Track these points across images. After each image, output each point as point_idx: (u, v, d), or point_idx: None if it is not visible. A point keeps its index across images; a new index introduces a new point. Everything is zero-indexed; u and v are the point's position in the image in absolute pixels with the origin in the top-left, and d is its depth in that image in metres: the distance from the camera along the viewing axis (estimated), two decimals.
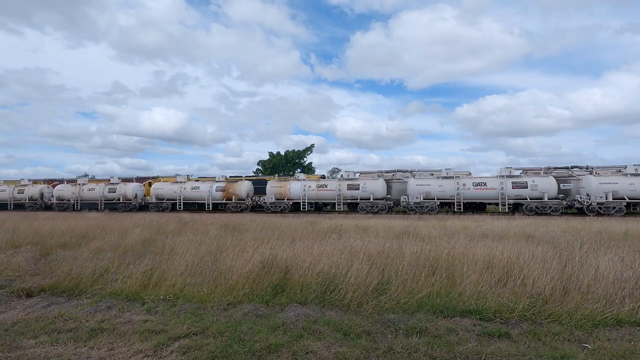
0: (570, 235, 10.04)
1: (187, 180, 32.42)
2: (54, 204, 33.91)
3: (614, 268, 5.50)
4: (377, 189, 27.31)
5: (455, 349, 3.67)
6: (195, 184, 31.64)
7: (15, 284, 6.29)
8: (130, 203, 32.14)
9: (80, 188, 33.68)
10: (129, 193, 32.40)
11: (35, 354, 3.68)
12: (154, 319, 4.64)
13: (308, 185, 28.82)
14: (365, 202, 27.26)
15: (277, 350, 3.69)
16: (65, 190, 34.30)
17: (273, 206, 28.94)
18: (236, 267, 6.09)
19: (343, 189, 27.96)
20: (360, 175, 29.29)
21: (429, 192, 26.05)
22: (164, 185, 32.46)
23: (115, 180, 34.15)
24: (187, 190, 31.15)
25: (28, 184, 36.64)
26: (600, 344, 3.80)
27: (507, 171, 25.68)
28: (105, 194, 32.86)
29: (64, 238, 10.59)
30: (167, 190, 31.72)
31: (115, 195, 32.54)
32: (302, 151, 55.76)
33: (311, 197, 28.62)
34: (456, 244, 7.73)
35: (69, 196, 33.82)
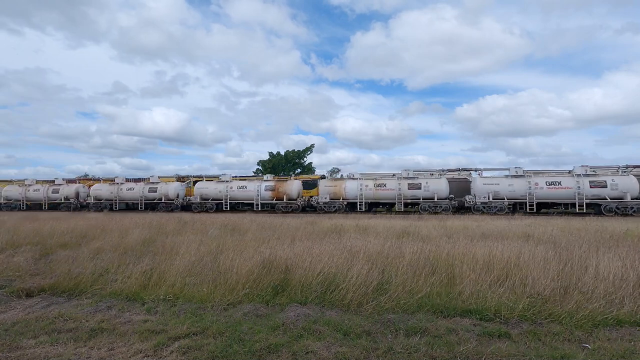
0: (570, 235, 10.04)
1: (233, 179, 31.27)
2: (91, 204, 32.77)
3: (614, 268, 5.50)
4: (440, 188, 26.04)
5: (455, 349, 3.67)
6: (242, 183, 30.49)
7: (15, 284, 6.28)
8: (172, 203, 30.88)
9: (118, 187, 32.40)
10: (171, 193, 31.17)
11: (35, 354, 3.68)
12: (154, 319, 4.64)
13: (365, 184, 27.42)
14: (428, 202, 26.03)
15: (277, 350, 3.69)
16: (102, 189, 33.11)
17: (326, 206, 27.69)
18: (236, 267, 6.09)
19: (403, 188, 26.58)
20: (420, 173, 28.03)
21: (498, 191, 24.81)
22: (208, 184, 31.14)
23: (155, 179, 32.79)
24: (234, 189, 29.88)
25: (62, 183, 35.54)
26: (600, 344, 3.80)
27: (583, 169, 24.34)
28: (146, 193, 31.58)
29: (64, 238, 10.59)
30: (212, 190, 30.40)
31: (156, 195, 31.33)
32: (302, 151, 55.77)
33: (368, 196, 27.35)
34: (456, 244, 7.74)
35: (106, 196, 32.64)
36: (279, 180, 30.29)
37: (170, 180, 33.83)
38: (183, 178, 35.19)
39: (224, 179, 31.04)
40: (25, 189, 34.93)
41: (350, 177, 28.84)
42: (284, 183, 29.47)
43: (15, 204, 34.90)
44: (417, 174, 27.89)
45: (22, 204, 34.61)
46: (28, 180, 36.27)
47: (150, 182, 32.56)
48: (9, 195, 35.37)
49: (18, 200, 34.91)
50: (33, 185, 35.63)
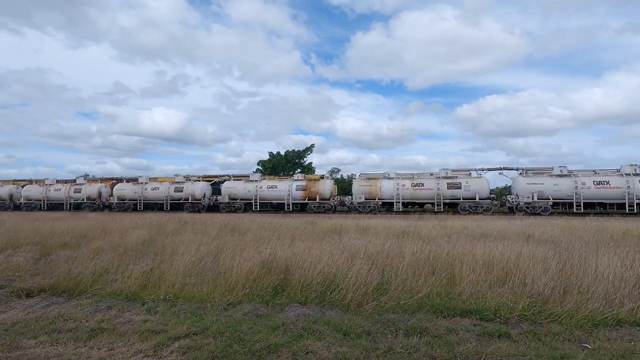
0: (570, 235, 10.04)
1: (262, 179, 30.53)
2: (114, 204, 32.16)
3: (614, 268, 5.50)
4: (481, 187, 25.25)
5: (455, 349, 3.67)
6: (272, 183, 29.67)
7: (15, 284, 6.28)
8: (199, 203, 30.22)
9: (142, 187, 31.70)
10: (197, 192, 30.47)
11: (35, 354, 3.68)
12: (154, 319, 4.64)
13: (402, 183, 26.68)
14: (468, 202, 25.26)
15: (277, 350, 3.69)
16: (126, 189, 32.42)
17: (361, 206, 26.88)
18: (236, 267, 6.09)
19: (442, 187, 25.76)
20: (459, 172, 27.16)
21: (542, 191, 24.05)
22: (236, 184, 30.35)
23: (181, 179, 32.07)
24: (264, 189, 29.14)
25: (84, 182, 34.93)
26: (600, 344, 3.80)
27: (632, 169, 23.62)
28: (171, 193, 30.98)
29: (64, 238, 10.58)
30: (241, 190, 29.70)
31: (182, 195, 30.69)
32: (302, 151, 55.72)
33: (405, 196, 26.59)
34: (456, 244, 7.74)
35: (130, 196, 31.99)
36: (310, 179, 29.46)
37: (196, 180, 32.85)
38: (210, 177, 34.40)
39: (253, 178, 30.26)
40: (46, 188, 34.23)
41: (385, 177, 27.93)
42: (316, 182, 28.71)
43: (35, 203, 34.19)
44: (456, 173, 27.05)
45: (43, 204, 33.86)
46: (48, 180, 35.55)
47: (176, 181, 31.84)
48: (29, 195, 34.64)
49: (39, 200, 34.18)
50: (54, 184, 34.90)
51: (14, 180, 39.39)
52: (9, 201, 35.32)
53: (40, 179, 36.96)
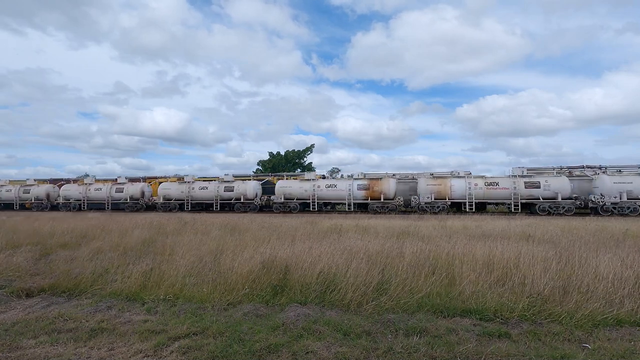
0: (570, 235, 10.04)
1: (319, 178, 29.24)
2: (158, 204, 30.94)
3: (614, 268, 5.50)
4: (563, 187, 23.89)
5: (455, 349, 3.67)
6: (331, 182, 28.38)
7: (15, 284, 6.28)
8: (251, 203, 28.97)
9: (189, 186, 30.45)
10: (249, 192, 29.17)
11: (35, 354, 3.68)
12: (154, 319, 4.64)
13: (474, 182, 25.39)
14: (548, 202, 24.03)
15: (277, 350, 3.69)
16: (171, 188, 31.21)
17: (429, 206, 25.58)
18: (236, 267, 6.09)
19: (520, 187, 24.47)
20: (537, 171, 25.89)
21: (631, 190, 22.86)
22: (292, 183, 29.06)
23: (230, 178, 30.78)
24: (322, 189, 27.91)
25: (125, 181, 33.64)
26: (600, 344, 3.80)
27: None
28: (221, 192, 29.72)
29: (64, 238, 10.59)
30: (297, 189, 28.38)
31: (233, 194, 29.47)
32: (302, 151, 55.76)
33: (478, 196, 25.23)
34: (456, 244, 7.73)
35: (176, 195, 30.78)
36: (372, 178, 27.92)
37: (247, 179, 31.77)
38: (261, 177, 33.30)
39: (309, 177, 29.04)
40: (86, 188, 33.31)
41: (454, 175, 26.64)
42: (379, 181, 27.33)
43: (74, 204, 33.21)
44: (533, 172, 25.82)
45: (83, 203, 32.94)
46: (88, 179, 34.73)
47: (225, 180, 30.61)
48: (68, 194, 33.67)
49: (78, 200, 33.21)
50: (94, 184, 33.92)
51: (50, 179, 38.61)
52: (46, 201, 34.29)
53: (79, 178, 36.53)
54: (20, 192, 34.94)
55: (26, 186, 35.50)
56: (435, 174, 27.44)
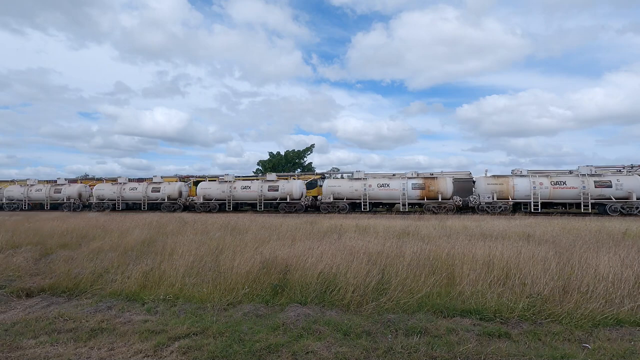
0: (570, 235, 10.04)
1: (369, 177, 27.62)
2: (198, 205, 29.69)
3: (614, 268, 5.50)
4: (636, 186, 22.68)
5: (455, 349, 3.67)
6: (383, 181, 26.86)
7: (15, 284, 6.29)
8: (297, 203, 27.83)
9: (231, 186, 29.20)
10: (295, 192, 28.02)
11: (35, 354, 3.68)
12: (154, 319, 4.64)
13: (539, 182, 23.99)
14: (620, 202, 22.87)
15: (277, 350, 3.69)
16: (212, 188, 29.82)
17: (489, 207, 24.41)
18: (236, 267, 6.09)
19: (589, 186, 23.07)
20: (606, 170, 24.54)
21: None
22: (341, 182, 27.70)
23: (273, 177, 29.53)
24: (373, 188, 26.54)
25: (161, 181, 32.24)
26: (600, 344, 3.80)
27: None
28: (265, 192, 28.54)
29: (64, 238, 10.59)
30: (346, 189, 27.04)
31: (278, 194, 28.27)
32: (302, 151, 55.72)
33: (544, 196, 23.85)
34: (456, 244, 7.74)
35: (217, 195, 29.44)
36: (427, 177, 26.79)
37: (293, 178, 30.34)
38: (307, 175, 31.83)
39: (358, 176, 27.58)
40: (120, 187, 32.16)
41: (517, 174, 25.29)
42: (435, 180, 26.18)
43: (108, 203, 32.17)
44: (602, 171, 24.52)
45: (118, 203, 31.82)
46: (121, 179, 33.34)
47: (269, 179, 29.37)
48: (102, 194, 32.60)
49: (112, 200, 32.07)
50: (128, 183, 32.76)
51: (81, 178, 37.87)
52: (78, 201, 33.21)
53: (113, 178, 34.91)
54: (51, 191, 33.72)
55: (57, 185, 34.28)
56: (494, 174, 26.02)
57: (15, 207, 34.41)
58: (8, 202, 34.74)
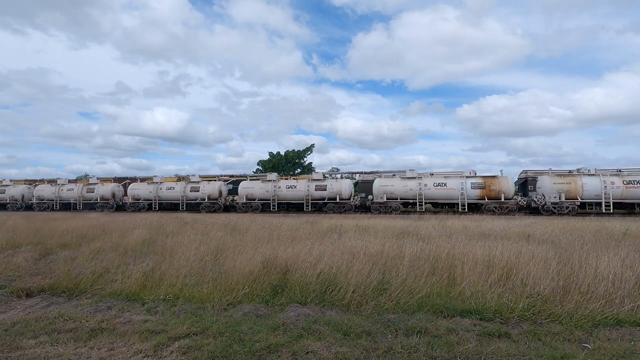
0: (570, 235, 10.03)
1: (423, 176, 26.81)
2: (239, 205, 29.11)
3: (614, 268, 5.50)
4: None
5: (455, 349, 3.67)
6: (440, 180, 25.93)
7: (15, 284, 6.29)
8: (346, 203, 27.18)
9: (275, 185, 28.45)
10: (344, 191, 27.28)
11: (35, 354, 3.68)
12: (154, 319, 4.64)
13: (610, 181, 22.78)
14: None
15: (277, 350, 3.69)
16: (254, 187, 29.18)
17: (556, 207, 23.50)
18: (236, 267, 6.09)
19: None
20: None
21: None
22: (394, 181, 26.69)
23: (319, 176, 28.69)
24: (430, 187, 25.73)
25: (199, 180, 31.41)
26: (600, 344, 3.80)
27: None
28: (312, 192, 27.83)
29: (64, 238, 10.59)
30: (400, 188, 26.10)
31: (326, 194, 27.51)
32: (302, 151, 55.71)
33: (616, 195, 22.77)
34: (456, 244, 7.73)
35: (260, 195, 28.81)
36: (487, 176, 25.89)
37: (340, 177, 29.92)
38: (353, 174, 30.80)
39: (410, 175, 26.57)
40: (157, 187, 31.37)
41: (585, 173, 24.30)
42: (496, 180, 25.16)
43: (143, 203, 31.46)
44: None
45: (155, 203, 31.16)
46: (157, 178, 32.44)
47: (314, 179, 28.47)
48: (137, 193, 31.94)
49: (148, 200, 31.38)
50: (164, 182, 31.86)
51: (114, 177, 37.09)
52: (112, 200, 32.57)
53: (149, 177, 34.05)
54: (83, 191, 33.18)
55: (89, 185, 33.78)
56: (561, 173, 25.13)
57: (45, 207, 33.66)
58: (38, 202, 34.14)
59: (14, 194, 35.11)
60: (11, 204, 34.86)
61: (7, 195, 35.13)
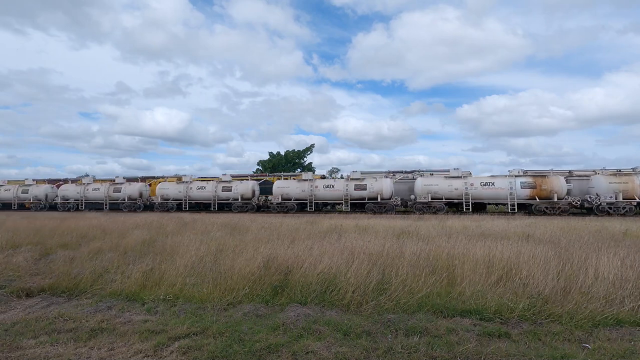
0: (570, 235, 10.03)
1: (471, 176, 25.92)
2: (274, 204, 28.70)
3: (614, 268, 5.50)
4: None
5: (455, 349, 3.67)
6: (487, 180, 24.98)
7: (15, 284, 6.28)
8: (387, 203, 26.15)
9: (312, 185, 27.89)
10: (385, 191, 26.34)
11: (35, 354, 3.68)
12: (154, 319, 4.64)
13: None
14: None
15: (277, 350, 3.69)
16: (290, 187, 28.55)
17: (612, 207, 22.88)
18: (236, 267, 6.09)
19: None
20: None
21: None
22: (439, 181, 25.85)
23: (358, 175, 27.79)
24: (476, 187, 24.87)
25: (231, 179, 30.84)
26: (601, 344, 3.80)
27: None
28: (351, 191, 27.04)
29: (64, 238, 10.59)
30: (445, 188, 25.26)
31: (366, 194, 26.76)
32: (302, 151, 55.75)
33: None
34: (456, 244, 7.73)
35: (296, 195, 28.11)
36: (537, 175, 24.89)
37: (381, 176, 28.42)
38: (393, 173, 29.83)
39: (454, 174, 25.80)
40: (187, 186, 30.70)
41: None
42: (547, 179, 24.14)
43: (172, 203, 30.60)
44: None
45: (185, 203, 30.40)
46: (186, 177, 31.72)
47: (354, 178, 27.77)
48: (166, 193, 31.11)
49: (177, 200, 30.63)
50: (196, 182, 31.20)
51: (141, 177, 36.62)
52: (139, 200, 31.97)
53: (178, 176, 33.44)
54: (110, 190, 32.81)
55: (116, 184, 33.27)
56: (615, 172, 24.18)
57: (69, 207, 33.19)
58: (63, 201, 33.69)
59: (37, 193, 34.68)
60: (35, 203, 34.40)
61: (30, 195, 34.71)
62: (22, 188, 35.28)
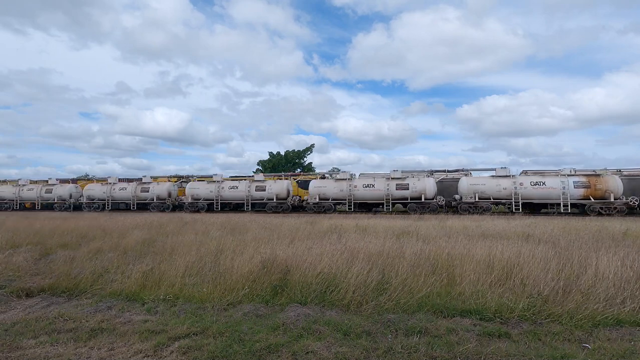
0: (570, 235, 10.03)
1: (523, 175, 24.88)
2: (310, 204, 27.81)
3: (614, 268, 5.50)
4: None
5: (455, 349, 3.67)
6: (537, 179, 23.99)
7: (15, 284, 6.28)
8: (430, 203, 25.27)
9: (351, 184, 27.03)
10: (429, 191, 25.46)
11: (35, 354, 3.68)
12: (154, 319, 4.64)
13: None
14: None
15: (277, 350, 3.69)
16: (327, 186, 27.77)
17: None
18: (236, 267, 6.09)
19: None
20: None
21: None
22: (485, 180, 24.92)
23: (399, 175, 26.71)
24: (526, 186, 23.90)
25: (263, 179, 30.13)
26: (601, 344, 3.80)
27: None
28: (392, 191, 26.07)
29: (64, 238, 10.59)
30: (492, 187, 24.29)
31: (408, 193, 25.86)
32: (302, 151, 55.75)
33: None
34: (456, 244, 7.73)
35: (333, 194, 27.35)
36: (591, 175, 23.85)
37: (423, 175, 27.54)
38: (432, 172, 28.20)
39: (501, 173, 24.78)
40: (218, 186, 29.97)
41: None
42: (601, 178, 23.18)
43: (203, 204, 29.84)
44: None
45: (216, 203, 29.70)
46: (217, 176, 31.02)
47: (395, 177, 26.74)
48: (196, 193, 30.50)
49: (208, 200, 29.93)
50: (227, 182, 30.67)
51: (169, 176, 35.82)
52: (168, 200, 31.16)
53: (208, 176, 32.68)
54: (137, 190, 32.08)
55: (143, 184, 32.50)
56: None
57: (95, 207, 32.50)
58: (88, 201, 33.01)
59: (62, 193, 33.95)
60: (59, 203, 33.57)
61: (54, 194, 33.91)
62: (46, 187, 34.52)
